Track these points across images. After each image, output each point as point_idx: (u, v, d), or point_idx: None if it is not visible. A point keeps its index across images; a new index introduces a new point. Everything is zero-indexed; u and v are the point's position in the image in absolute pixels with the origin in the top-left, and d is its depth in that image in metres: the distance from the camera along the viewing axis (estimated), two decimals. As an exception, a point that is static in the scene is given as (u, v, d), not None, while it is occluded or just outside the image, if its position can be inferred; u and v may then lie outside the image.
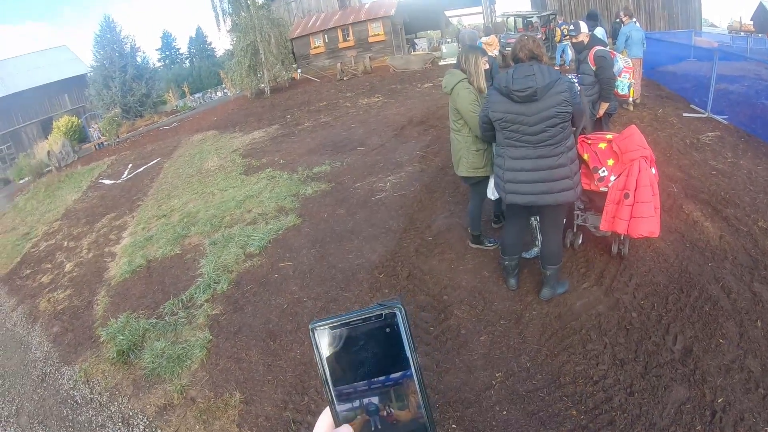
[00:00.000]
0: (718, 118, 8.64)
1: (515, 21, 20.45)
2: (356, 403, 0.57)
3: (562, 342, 3.77)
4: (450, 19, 35.85)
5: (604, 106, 5.78)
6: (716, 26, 37.11)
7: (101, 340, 5.27)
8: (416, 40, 28.90)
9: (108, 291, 6.48)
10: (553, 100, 3.46)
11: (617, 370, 3.43)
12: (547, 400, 3.31)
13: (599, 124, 5.84)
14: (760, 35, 26.40)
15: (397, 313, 0.56)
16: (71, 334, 5.75)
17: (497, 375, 3.58)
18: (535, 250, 4.67)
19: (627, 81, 5.37)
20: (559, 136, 3.57)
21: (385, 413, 0.57)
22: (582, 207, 4.67)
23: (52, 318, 6.28)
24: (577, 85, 3.90)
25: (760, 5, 34.86)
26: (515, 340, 3.88)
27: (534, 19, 18.84)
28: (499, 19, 24.98)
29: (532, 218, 4.42)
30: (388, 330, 0.56)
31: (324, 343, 0.56)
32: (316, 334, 0.56)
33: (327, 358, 0.56)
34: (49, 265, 8.23)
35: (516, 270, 4.41)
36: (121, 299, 6.11)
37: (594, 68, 5.68)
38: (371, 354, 0.57)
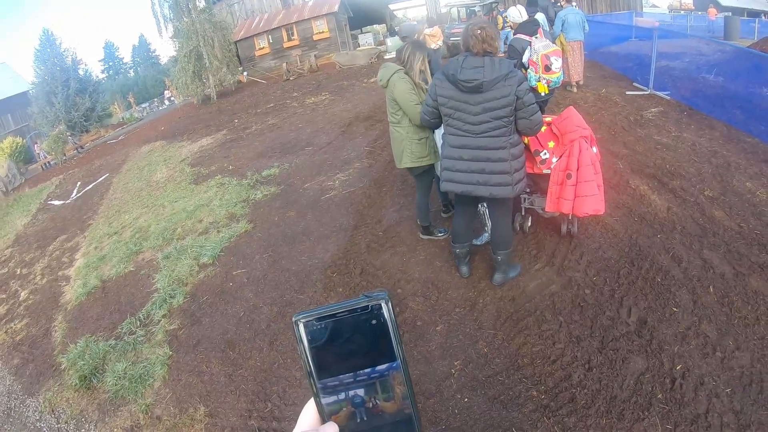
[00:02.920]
0: (660, 94, 8.91)
1: (458, 11, 20.65)
2: (341, 396, 0.57)
3: (518, 324, 3.82)
4: (395, 12, 35.92)
5: None
6: (657, 6, 38.20)
7: (62, 367, 5.10)
8: (360, 36, 28.85)
9: (65, 316, 6.26)
10: (499, 93, 3.44)
11: (574, 347, 3.49)
12: (507, 384, 3.35)
13: None
14: (699, 13, 27.38)
15: (383, 304, 0.56)
16: (32, 364, 5.54)
17: (456, 363, 3.61)
18: (485, 236, 4.71)
19: (534, 74, 5.43)
20: (502, 129, 3.55)
21: (370, 405, 0.57)
22: (528, 190, 4.73)
23: (12, 350, 6.03)
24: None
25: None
26: (471, 327, 3.91)
27: (477, 9, 19.08)
28: (443, 10, 25.20)
29: (480, 205, 4.45)
30: (374, 322, 0.56)
31: (308, 335, 0.55)
32: (300, 326, 0.55)
33: (311, 351, 0.56)
34: (4, 295, 7.88)
35: (467, 257, 4.45)
36: (78, 323, 5.92)
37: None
38: (357, 346, 0.56)
